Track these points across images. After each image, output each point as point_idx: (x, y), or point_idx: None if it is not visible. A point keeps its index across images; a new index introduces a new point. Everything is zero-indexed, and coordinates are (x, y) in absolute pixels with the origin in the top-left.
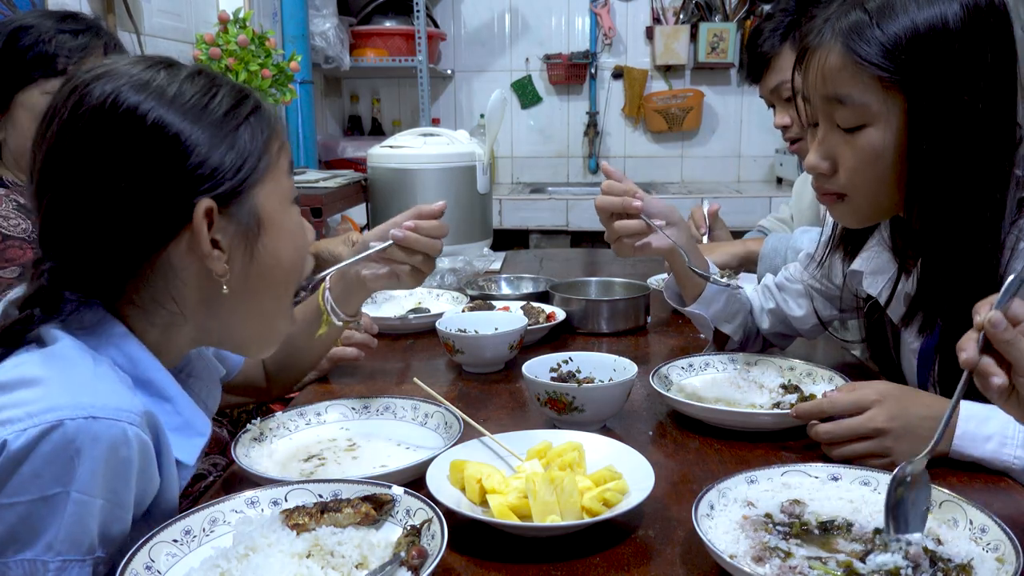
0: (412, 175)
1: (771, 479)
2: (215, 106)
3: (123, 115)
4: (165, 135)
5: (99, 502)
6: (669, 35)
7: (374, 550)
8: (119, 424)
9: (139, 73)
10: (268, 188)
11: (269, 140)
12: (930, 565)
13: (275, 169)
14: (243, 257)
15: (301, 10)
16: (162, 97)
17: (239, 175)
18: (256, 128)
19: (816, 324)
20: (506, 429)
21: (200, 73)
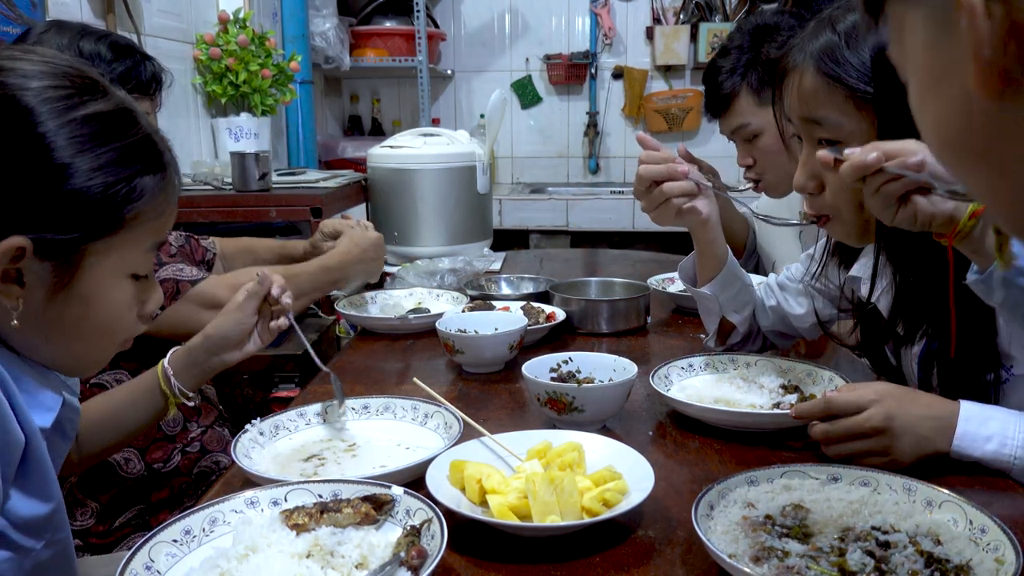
0: (412, 175)
1: (771, 480)
2: (100, 151)
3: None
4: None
5: None
6: (669, 35)
7: (374, 550)
8: None
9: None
10: (104, 255)
11: (134, 209)
12: (927, 565)
13: (125, 240)
14: (42, 300)
15: (301, 10)
16: (57, 117)
17: (70, 233)
18: (122, 192)
19: (815, 324)
20: (506, 429)
21: (118, 111)
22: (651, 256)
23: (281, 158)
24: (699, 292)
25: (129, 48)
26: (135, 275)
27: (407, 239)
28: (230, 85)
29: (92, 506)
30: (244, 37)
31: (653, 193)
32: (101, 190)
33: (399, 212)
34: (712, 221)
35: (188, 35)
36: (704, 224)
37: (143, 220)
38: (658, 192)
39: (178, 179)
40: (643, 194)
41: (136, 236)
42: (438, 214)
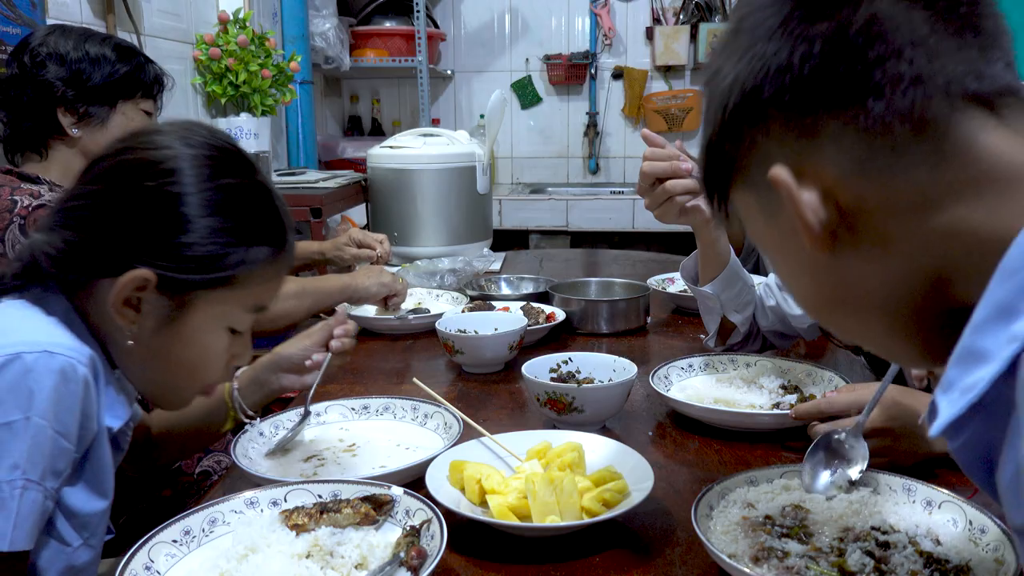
0: (412, 175)
1: (771, 480)
2: (226, 217)
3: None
4: (195, 217)
5: (50, 431)
6: (669, 35)
7: (374, 550)
8: (70, 359)
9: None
10: (209, 304)
11: (243, 272)
12: (927, 565)
13: (230, 296)
14: (151, 329)
15: (301, 10)
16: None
17: (186, 278)
18: (236, 256)
19: (814, 324)
20: (506, 429)
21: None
22: (651, 256)
23: (281, 158)
24: (700, 291)
25: (132, 50)
26: (232, 329)
27: (407, 239)
28: (230, 85)
29: None
30: (244, 37)
31: (656, 191)
32: (219, 249)
33: (399, 212)
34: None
35: (188, 35)
36: (707, 223)
37: (250, 284)
38: (661, 190)
39: (292, 253)
40: (646, 191)
41: (240, 296)
42: (438, 214)
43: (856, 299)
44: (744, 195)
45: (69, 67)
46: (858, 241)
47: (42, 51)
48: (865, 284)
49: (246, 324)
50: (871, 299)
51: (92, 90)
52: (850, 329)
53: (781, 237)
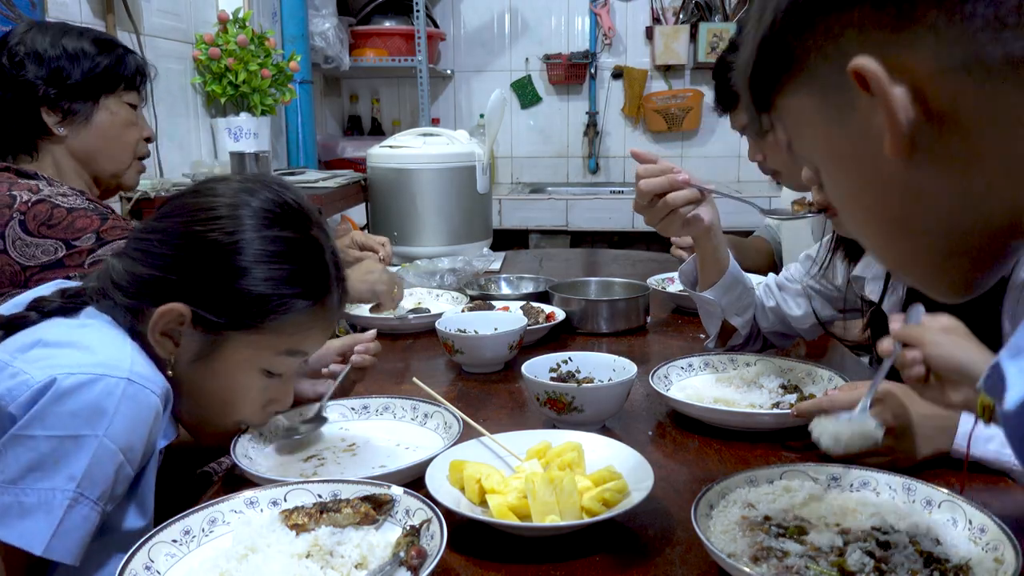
0: (412, 175)
1: (771, 480)
2: (271, 267)
3: (207, 218)
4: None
5: (120, 457)
6: (669, 35)
7: (373, 550)
8: (147, 391)
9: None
10: (242, 345)
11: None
12: (927, 565)
13: (262, 340)
14: (187, 363)
15: (301, 10)
16: (244, 233)
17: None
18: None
19: (814, 324)
20: (505, 429)
21: (305, 241)
22: (651, 256)
23: (281, 158)
24: (701, 296)
25: (111, 43)
26: (268, 372)
27: (407, 239)
28: (229, 85)
29: None
30: (244, 37)
31: (657, 206)
32: (251, 296)
33: (399, 212)
34: (715, 227)
35: (188, 35)
36: (708, 231)
37: (284, 331)
38: (662, 204)
39: (335, 306)
40: (646, 208)
41: (273, 341)
42: (438, 214)
43: (922, 220)
44: (800, 99)
45: (48, 65)
46: (941, 153)
47: (20, 50)
48: (937, 203)
49: (283, 368)
50: (938, 221)
51: (73, 87)
52: (900, 255)
53: (847, 145)
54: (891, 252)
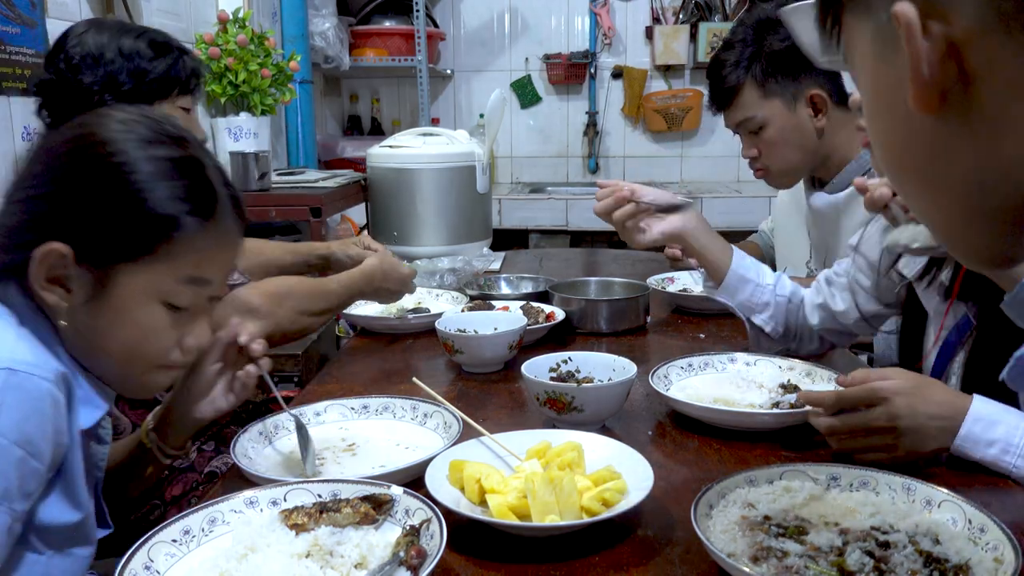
0: (412, 175)
1: (770, 480)
2: (149, 187)
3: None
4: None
5: (18, 452)
6: (669, 35)
7: (373, 550)
8: (35, 378)
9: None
10: (133, 276)
11: (167, 243)
12: (926, 565)
13: (155, 268)
14: (81, 308)
15: (301, 10)
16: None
17: (104, 249)
18: (157, 226)
19: (859, 319)
20: (505, 429)
21: (184, 159)
22: (651, 256)
23: (280, 158)
24: (716, 299)
25: (166, 45)
26: (170, 304)
27: (407, 239)
28: (229, 85)
29: None
30: (243, 37)
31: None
32: (141, 218)
33: (399, 212)
34: (689, 233)
35: (187, 35)
36: (682, 237)
37: (178, 255)
38: (614, 221)
39: (232, 227)
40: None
41: (168, 268)
42: (438, 214)
43: (945, 176)
44: (860, 23)
45: (104, 69)
46: (972, 114)
47: (76, 52)
48: (962, 162)
49: (187, 300)
50: (963, 180)
51: (127, 94)
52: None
53: (887, 84)
54: (914, 200)
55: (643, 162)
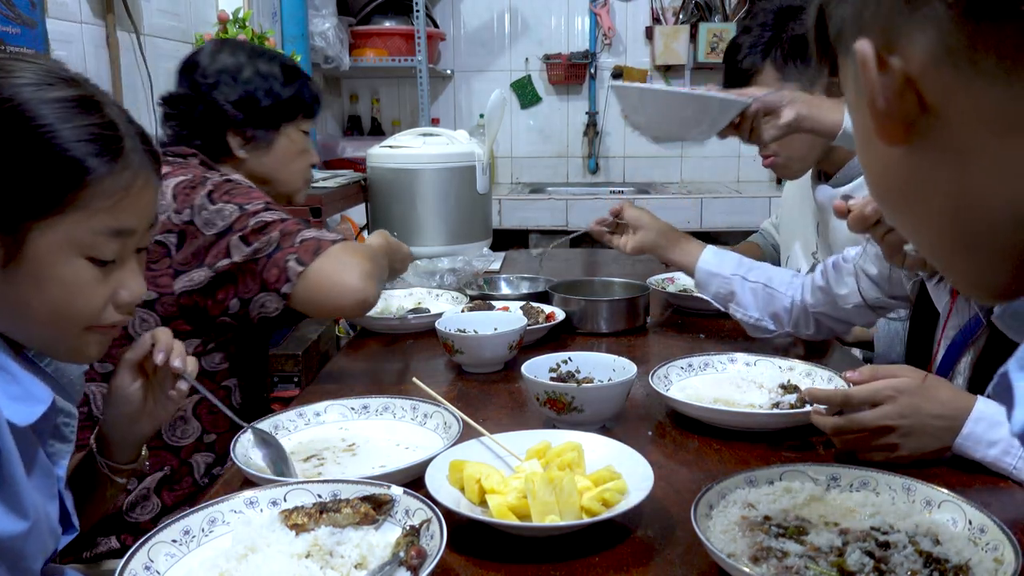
0: (412, 175)
1: (771, 480)
2: (49, 132)
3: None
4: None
5: None
6: (669, 35)
7: (373, 550)
8: None
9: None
10: (47, 233)
11: (78, 192)
12: (926, 565)
13: (70, 221)
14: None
15: (301, 10)
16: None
17: (9, 208)
18: (63, 175)
19: (859, 304)
20: (505, 429)
21: (81, 99)
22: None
23: None
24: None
25: (296, 70)
26: (93, 258)
27: (407, 239)
28: None
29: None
30: (244, 37)
31: None
32: (46, 167)
33: (399, 212)
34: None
35: (187, 35)
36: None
37: (91, 204)
38: None
39: (145, 167)
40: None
41: (83, 218)
42: (438, 214)
43: (924, 205)
44: (844, 64)
45: (240, 89)
46: (938, 143)
47: (213, 69)
48: (937, 192)
49: (110, 251)
50: (940, 210)
51: (260, 114)
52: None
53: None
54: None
55: (643, 162)
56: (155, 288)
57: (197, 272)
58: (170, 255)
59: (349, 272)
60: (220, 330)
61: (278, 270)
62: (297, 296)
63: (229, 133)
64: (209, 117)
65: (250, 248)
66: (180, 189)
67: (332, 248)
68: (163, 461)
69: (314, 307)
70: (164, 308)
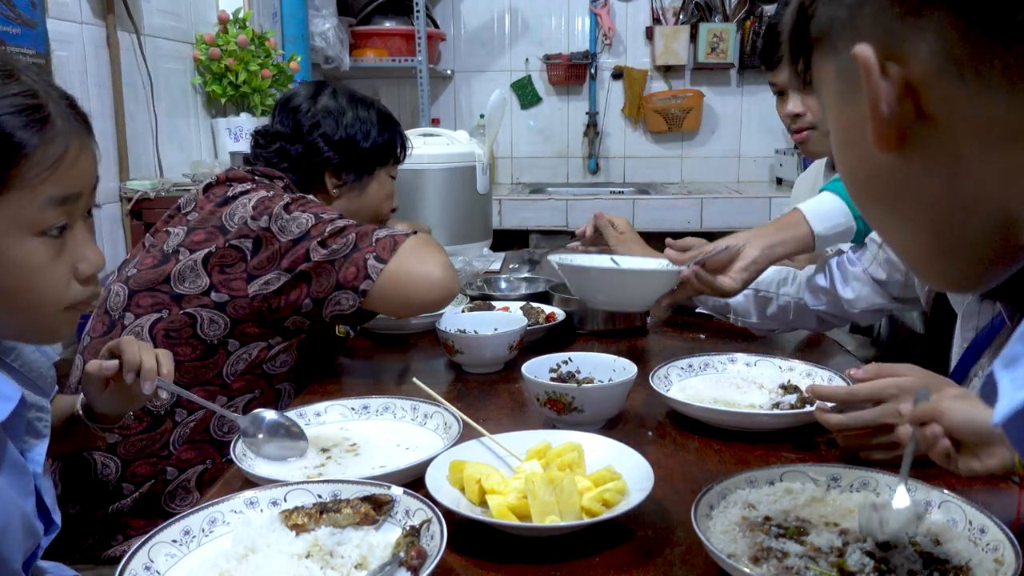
0: (412, 175)
1: (771, 480)
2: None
3: None
4: None
5: None
6: (669, 35)
7: (373, 550)
8: None
9: None
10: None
11: (17, 165)
12: (927, 565)
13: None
14: None
15: (301, 10)
16: None
17: None
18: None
19: (864, 310)
20: (505, 429)
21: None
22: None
23: None
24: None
25: (391, 118)
26: (44, 233)
27: None
28: (230, 85)
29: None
30: (244, 37)
31: None
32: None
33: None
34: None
35: (188, 35)
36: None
37: (30, 177)
38: None
39: (76, 129)
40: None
41: (26, 194)
42: (438, 214)
43: (912, 210)
44: (826, 63)
45: (342, 132)
46: (931, 151)
47: (317, 110)
48: (926, 198)
49: (59, 220)
50: (928, 215)
51: (358, 157)
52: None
53: (850, 121)
54: (882, 231)
55: (643, 163)
56: (228, 291)
57: (273, 275)
58: (245, 260)
59: (431, 264)
60: (287, 334)
61: (356, 268)
62: (377, 293)
63: (327, 173)
64: (308, 156)
65: (327, 250)
66: (260, 200)
67: (407, 242)
68: (206, 455)
69: (398, 303)
70: (235, 311)
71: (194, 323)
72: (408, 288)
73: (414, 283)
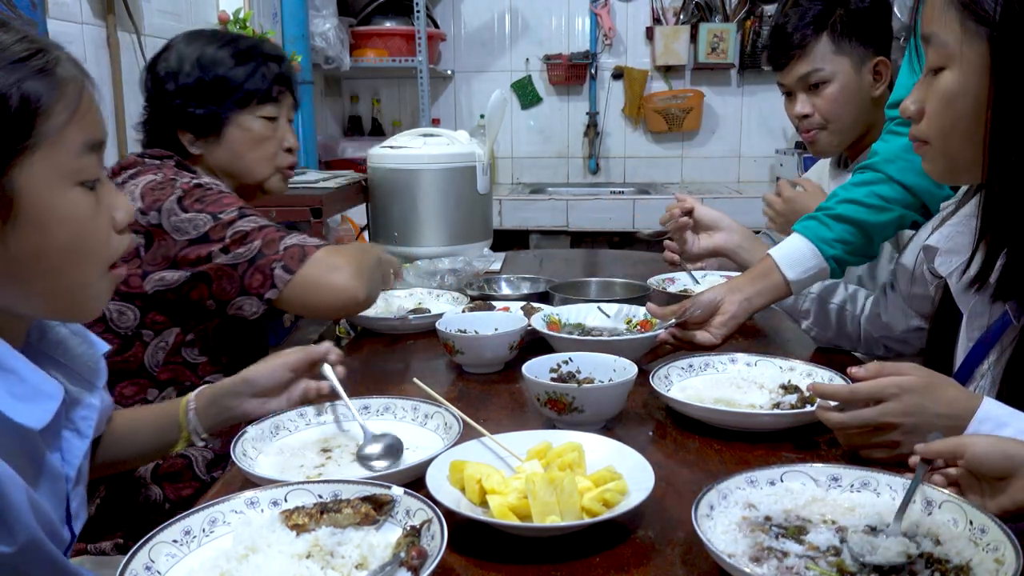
0: (412, 175)
1: (771, 480)
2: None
3: None
4: None
5: None
6: (669, 35)
7: (374, 551)
8: None
9: None
10: (30, 171)
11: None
12: (927, 565)
13: (48, 150)
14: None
15: (301, 10)
16: None
17: None
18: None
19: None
20: (506, 429)
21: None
22: (651, 256)
23: None
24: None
25: (249, 52)
26: (84, 183)
27: (407, 239)
28: None
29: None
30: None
31: None
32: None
33: (399, 212)
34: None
35: None
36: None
37: (59, 123)
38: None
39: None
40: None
41: (60, 141)
42: (438, 214)
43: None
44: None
45: (181, 85)
46: None
47: (163, 68)
48: None
49: (94, 169)
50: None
51: (203, 100)
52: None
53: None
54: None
55: (643, 163)
56: (126, 286)
57: (169, 273)
58: (139, 255)
59: (338, 274)
60: (200, 318)
61: (263, 276)
62: (284, 302)
63: (178, 131)
64: (161, 116)
65: (229, 255)
66: (147, 189)
67: (317, 253)
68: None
69: (306, 310)
70: (140, 302)
71: (104, 317)
72: (317, 298)
73: (323, 294)
